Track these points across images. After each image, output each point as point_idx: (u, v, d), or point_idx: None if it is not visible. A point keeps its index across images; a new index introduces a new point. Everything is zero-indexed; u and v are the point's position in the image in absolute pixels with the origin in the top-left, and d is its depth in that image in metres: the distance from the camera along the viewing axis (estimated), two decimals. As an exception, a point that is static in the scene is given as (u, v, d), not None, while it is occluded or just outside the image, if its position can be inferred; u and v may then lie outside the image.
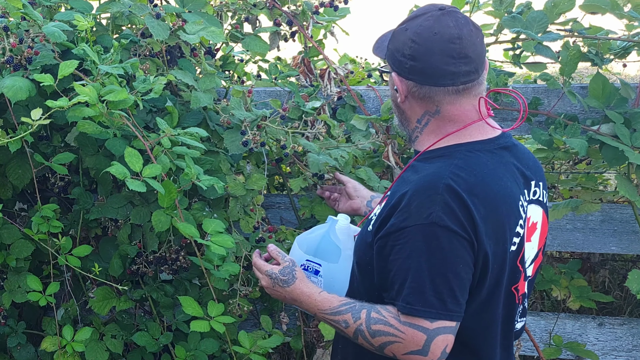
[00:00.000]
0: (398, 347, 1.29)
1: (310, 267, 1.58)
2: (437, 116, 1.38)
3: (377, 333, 1.31)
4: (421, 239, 1.25)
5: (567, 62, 2.15)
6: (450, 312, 1.26)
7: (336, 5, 2.45)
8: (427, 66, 1.33)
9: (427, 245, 1.25)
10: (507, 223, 1.32)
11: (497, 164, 1.35)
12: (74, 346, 2.08)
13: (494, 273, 1.31)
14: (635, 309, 2.86)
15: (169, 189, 1.77)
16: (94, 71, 1.84)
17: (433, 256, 1.25)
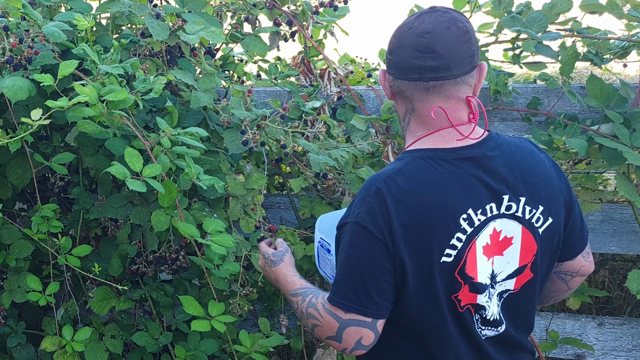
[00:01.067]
0: (320, 331, 1.41)
1: (324, 245, 1.69)
2: (414, 114, 1.40)
3: (309, 316, 1.43)
4: (349, 235, 1.35)
5: (565, 61, 2.15)
6: (364, 307, 1.34)
7: (336, 5, 2.45)
8: (399, 59, 1.36)
9: (351, 242, 1.35)
10: (435, 234, 1.32)
11: (447, 174, 1.34)
12: (74, 346, 2.08)
13: (418, 281, 1.34)
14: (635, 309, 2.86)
15: (169, 189, 1.77)
16: (94, 71, 1.84)
17: (354, 254, 1.34)
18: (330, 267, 1.70)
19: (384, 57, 2.73)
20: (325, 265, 1.73)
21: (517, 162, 1.39)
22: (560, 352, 2.38)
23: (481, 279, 1.39)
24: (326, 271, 1.74)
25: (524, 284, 1.45)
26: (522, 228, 1.39)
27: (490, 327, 1.44)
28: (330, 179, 2.18)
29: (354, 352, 1.37)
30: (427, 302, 1.36)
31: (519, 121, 2.29)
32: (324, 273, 1.76)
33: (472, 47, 1.34)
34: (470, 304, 1.40)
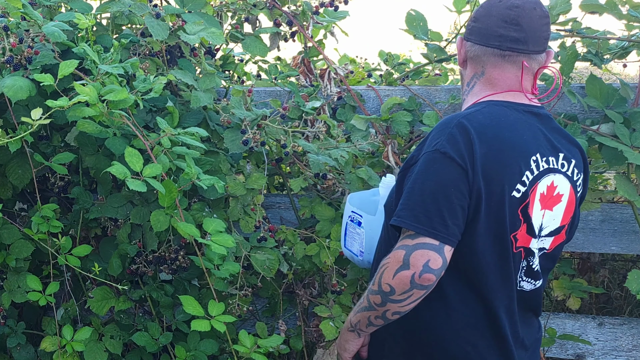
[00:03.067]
0: (388, 274, 1.36)
1: (354, 219, 1.74)
2: (482, 78, 1.50)
3: (374, 276, 1.41)
4: (424, 164, 1.37)
5: (565, 61, 2.15)
6: (435, 230, 1.33)
7: (336, 5, 2.45)
8: (483, 26, 1.48)
9: (427, 168, 1.36)
10: (510, 167, 1.39)
11: (518, 120, 1.44)
12: (74, 346, 2.07)
13: (490, 210, 1.38)
14: (635, 309, 2.86)
15: (169, 189, 1.77)
16: (94, 71, 1.84)
17: (429, 178, 1.35)
18: (359, 242, 1.73)
19: (384, 57, 2.73)
20: (353, 242, 1.75)
21: (563, 133, 1.53)
22: (560, 352, 2.38)
23: (535, 224, 1.46)
24: (353, 249, 1.75)
25: (556, 246, 1.52)
26: (570, 188, 1.50)
27: (530, 279, 1.49)
28: (330, 179, 2.18)
29: (423, 276, 1.33)
30: (494, 234, 1.40)
31: (519, 121, 2.29)
32: (350, 251, 1.78)
33: (549, 31, 1.48)
34: (523, 247, 1.45)
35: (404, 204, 1.37)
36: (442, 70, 2.78)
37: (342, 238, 1.82)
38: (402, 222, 1.36)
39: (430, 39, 2.41)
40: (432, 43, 2.41)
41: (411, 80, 2.56)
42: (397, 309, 1.39)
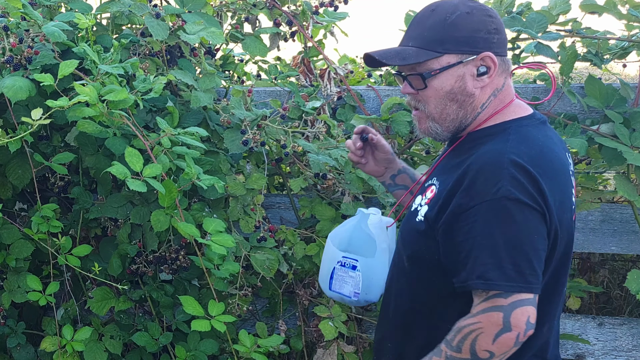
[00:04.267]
0: (485, 339, 1.25)
1: (347, 263, 1.63)
2: (499, 93, 1.40)
3: (460, 342, 1.28)
4: (492, 215, 1.24)
5: (565, 61, 2.15)
6: (529, 284, 1.24)
7: (336, 5, 2.45)
8: (503, 37, 1.40)
9: (499, 220, 1.24)
10: (566, 192, 1.35)
11: (544, 137, 1.37)
12: (74, 346, 2.07)
13: (562, 242, 1.33)
14: (635, 309, 2.86)
15: (169, 189, 1.77)
16: (94, 71, 1.84)
17: (508, 230, 1.24)
18: (353, 285, 1.63)
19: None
20: (343, 284, 1.65)
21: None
22: (560, 352, 2.37)
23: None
24: (343, 291, 1.65)
25: None
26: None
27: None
28: (330, 179, 2.18)
29: (527, 333, 1.25)
30: (563, 265, 1.37)
31: (519, 121, 2.29)
32: (338, 294, 1.66)
33: None
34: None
35: (487, 263, 1.24)
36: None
37: (327, 281, 1.69)
38: (496, 285, 1.24)
39: (430, 39, 2.40)
40: (432, 43, 2.41)
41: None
42: None
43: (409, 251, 1.45)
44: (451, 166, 1.39)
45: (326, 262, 1.70)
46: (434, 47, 1.35)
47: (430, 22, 1.36)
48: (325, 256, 1.71)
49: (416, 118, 1.45)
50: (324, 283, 1.71)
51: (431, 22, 1.36)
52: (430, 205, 1.38)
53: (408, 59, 1.35)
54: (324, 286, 1.71)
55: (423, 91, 1.38)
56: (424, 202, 1.41)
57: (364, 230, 1.63)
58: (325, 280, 1.69)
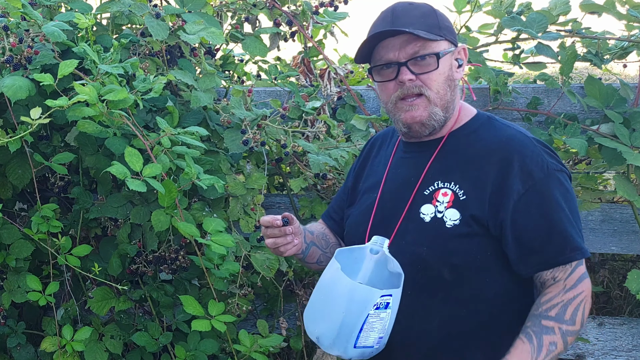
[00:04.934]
0: (589, 305, 1.31)
1: (381, 305, 1.30)
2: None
3: (573, 314, 1.30)
4: (553, 188, 1.32)
5: (564, 62, 2.16)
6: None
7: (336, 5, 2.45)
8: None
9: (560, 191, 1.32)
10: None
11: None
12: (74, 346, 2.07)
13: None
14: (635, 309, 2.86)
15: (169, 189, 1.77)
16: (93, 70, 1.84)
17: (568, 199, 1.33)
18: (380, 329, 1.32)
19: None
20: (370, 334, 1.31)
21: None
22: (560, 352, 2.37)
23: None
24: (368, 342, 1.32)
25: None
26: None
27: None
28: (330, 179, 2.18)
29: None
30: None
31: (519, 121, 2.29)
32: (363, 348, 1.32)
33: None
34: None
35: (573, 235, 1.31)
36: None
37: (353, 338, 1.30)
38: (587, 252, 1.33)
39: (430, 39, 2.40)
40: (432, 43, 2.41)
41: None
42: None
43: (456, 260, 1.36)
44: (460, 163, 1.40)
45: (349, 310, 1.29)
46: (436, 32, 1.37)
47: (419, 12, 1.38)
48: (342, 301, 1.30)
49: (415, 106, 1.39)
50: (343, 341, 1.31)
51: (420, 11, 1.38)
52: (463, 205, 1.35)
53: (429, 36, 1.35)
54: (345, 346, 1.31)
55: (429, 74, 1.37)
56: (444, 207, 1.37)
57: (385, 265, 1.37)
58: (349, 337, 1.30)
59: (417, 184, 1.43)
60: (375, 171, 1.57)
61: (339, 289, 1.30)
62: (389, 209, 1.47)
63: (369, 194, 1.54)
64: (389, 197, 1.49)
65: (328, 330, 1.32)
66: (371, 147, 1.65)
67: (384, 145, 1.61)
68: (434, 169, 1.43)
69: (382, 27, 1.38)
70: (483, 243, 1.36)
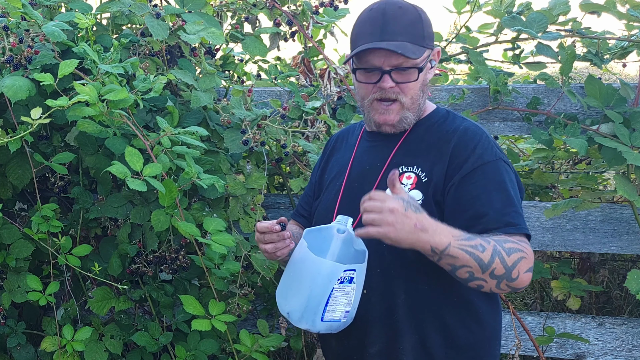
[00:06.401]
0: (525, 263, 1.36)
1: (345, 278, 1.38)
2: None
3: (511, 250, 1.35)
4: (503, 171, 1.44)
5: (564, 61, 2.16)
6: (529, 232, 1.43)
7: (336, 5, 2.45)
8: None
9: (509, 176, 1.45)
10: None
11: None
12: (74, 345, 2.07)
13: None
14: (635, 309, 2.86)
15: (169, 188, 1.77)
16: (94, 70, 1.84)
17: (513, 186, 1.44)
18: (346, 302, 1.40)
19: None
20: (336, 307, 1.39)
21: None
22: (560, 352, 2.37)
23: None
24: (335, 316, 1.40)
25: None
26: None
27: None
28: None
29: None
30: None
31: (519, 121, 2.29)
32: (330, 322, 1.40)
33: None
34: None
35: (516, 212, 1.40)
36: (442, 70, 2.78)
37: (319, 310, 1.38)
38: (523, 228, 1.40)
39: (430, 39, 2.40)
40: (432, 43, 2.41)
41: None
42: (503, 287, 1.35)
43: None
44: (422, 149, 1.50)
45: (315, 284, 1.37)
46: (421, 42, 1.44)
47: (407, 19, 1.43)
48: (308, 276, 1.38)
49: (389, 111, 1.49)
50: (311, 314, 1.39)
51: (408, 19, 1.44)
52: (425, 185, 1.46)
53: (417, 53, 1.43)
54: (312, 318, 1.39)
55: (408, 83, 1.46)
56: (408, 189, 1.47)
57: (351, 242, 1.42)
58: (316, 310, 1.38)
59: (383, 169, 1.52)
60: (340, 162, 1.65)
61: (306, 266, 1.40)
62: (355, 191, 1.52)
63: (335, 182, 1.62)
64: (355, 181, 1.57)
65: (297, 305, 1.41)
66: (335, 143, 1.73)
67: (346, 139, 1.70)
68: (398, 155, 1.52)
69: (372, 33, 1.44)
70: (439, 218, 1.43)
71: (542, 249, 2.40)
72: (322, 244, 1.42)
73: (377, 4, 1.46)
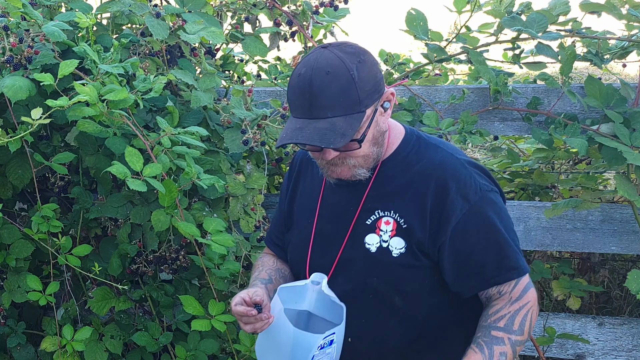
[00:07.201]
0: (535, 314, 1.36)
1: (326, 343, 1.36)
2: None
3: (521, 324, 1.34)
4: (487, 210, 1.36)
5: (564, 61, 2.16)
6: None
7: (336, 5, 2.45)
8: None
9: (494, 212, 1.36)
10: None
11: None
12: (74, 345, 2.07)
13: None
14: (635, 309, 2.86)
15: (169, 188, 1.77)
16: (94, 70, 1.84)
17: (502, 217, 1.37)
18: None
19: (384, 57, 2.73)
20: None
21: None
22: (561, 352, 2.38)
23: None
24: None
25: None
26: None
27: None
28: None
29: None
30: None
31: (519, 121, 2.29)
32: None
33: None
34: None
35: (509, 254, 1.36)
36: (442, 70, 2.78)
37: None
38: (525, 269, 1.37)
39: (430, 39, 2.41)
40: (432, 43, 2.41)
41: (411, 80, 2.56)
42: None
43: (406, 288, 1.41)
44: (397, 191, 1.40)
45: (295, 356, 1.34)
46: (357, 109, 1.28)
47: (337, 88, 1.26)
48: (287, 346, 1.35)
49: (338, 169, 1.37)
50: None
51: (338, 86, 1.26)
52: (406, 232, 1.38)
53: (347, 133, 1.26)
54: None
55: (352, 151, 1.34)
56: (389, 236, 1.39)
57: (328, 296, 1.40)
58: None
59: (356, 213, 1.43)
60: (309, 193, 1.54)
61: (283, 335, 1.34)
62: (328, 237, 1.46)
63: (305, 220, 1.52)
64: (327, 225, 1.47)
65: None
66: (299, 167, 1.61)
67: (312, 164, 1.56)
68: (371, 198, 1.43)
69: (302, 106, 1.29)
70: (430, 267, 1.40)
71: (542, 249, 2.40)
72: (298, 297, 1.41)
73: (305, 69, 1.28)
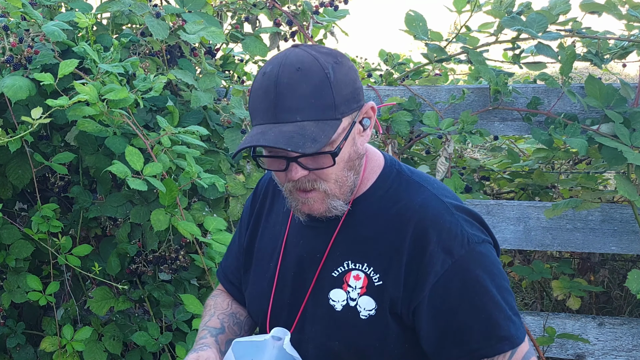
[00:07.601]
0: None
1: None
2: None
3: None
4: (474, 268, 1.12)
5: (564, 61, 2.16)
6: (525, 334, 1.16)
7: (336, 5, 2.46)
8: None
9: (482, 268, 1.12)
10: None
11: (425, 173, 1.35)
12: (74, 345, 2.07)
13: None
14: (635, 309, 2.86)
15: (169, 188, 1.77)
16: (94, 70, 1.84)
17: (493, 274, 1.13)
18: None
19: (384, 57, 2.74)
20: None
21: None
22: (561, 352, 2.38)
23: None
24: None
25: None
26: None
27: None
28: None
29: None
30: None
31: (519, 121, 2.29)
32: None
33: None
34: None
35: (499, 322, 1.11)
36: (442, 70, 2.78)
37: None
38: (518, 339, 1.12)
39: (430, 39, 2.41)
40: (432, 43, 2.41)
41: (411, 80, 2.56)
42: None
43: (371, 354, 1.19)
44: (371, 238, 1.18)
45: None
46: (332, 115, 1.06)
47: (308, 87, 1.05)
48: None
49: (310, 200, 1.14)
50: None
51: (310, 86, 1.05)
52: (378, 290, 1.16)
53: (320, 139, 1.04)
54: None
55: (323, 169, 1.11)
56: (357, 294, 1.18)
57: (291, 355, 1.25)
58: None
59: (322, 260, 1.21)
60: (271, 231, 1.33)
61: None
62: (290, 287, 1.27)
63: (266, 263, 1.32)
64: (290, 272, 1.27)
65: None
66: (265, 196, 1.38)
67: (277, 197, 1.34)
68: (341, 244, 1.20)
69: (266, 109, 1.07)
70: (402, 333, 1.17)
71: (542, 249, 2.40)
72: (255, 355, 1.25)
73: (272, 67, 1.08)
